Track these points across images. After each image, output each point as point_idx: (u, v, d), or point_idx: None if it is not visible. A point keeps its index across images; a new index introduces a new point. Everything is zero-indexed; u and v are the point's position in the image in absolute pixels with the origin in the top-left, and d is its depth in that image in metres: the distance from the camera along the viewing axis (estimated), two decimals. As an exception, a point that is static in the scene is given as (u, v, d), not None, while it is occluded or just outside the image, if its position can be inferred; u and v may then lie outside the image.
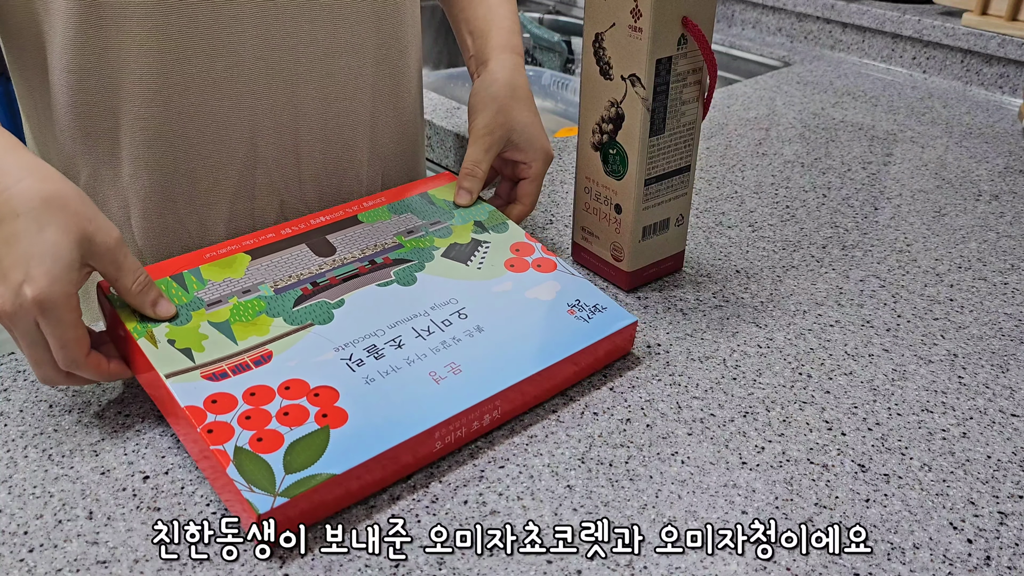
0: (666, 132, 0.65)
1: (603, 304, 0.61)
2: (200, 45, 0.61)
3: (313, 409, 0.50)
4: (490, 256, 0.64)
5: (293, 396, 0.51)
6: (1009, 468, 0.54)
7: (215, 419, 0.49)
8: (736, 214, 0.85)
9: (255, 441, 0.48)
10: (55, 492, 0.50)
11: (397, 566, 0.46)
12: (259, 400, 0.50)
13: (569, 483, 0.51)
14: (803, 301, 0.70)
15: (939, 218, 0.86)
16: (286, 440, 0.48)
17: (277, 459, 0.47)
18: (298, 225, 0.64)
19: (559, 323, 0.59)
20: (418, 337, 0.56)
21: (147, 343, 0.53)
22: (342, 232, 0.64)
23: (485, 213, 0.68)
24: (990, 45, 1.20)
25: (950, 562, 0.47)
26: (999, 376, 0.62)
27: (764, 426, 0.56)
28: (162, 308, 0.55)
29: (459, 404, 0.52)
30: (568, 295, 0.61)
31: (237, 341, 0.54)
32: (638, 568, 0.46)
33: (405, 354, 0.55)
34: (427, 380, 0.53)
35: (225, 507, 0.49)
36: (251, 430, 0.48)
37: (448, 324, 0.57)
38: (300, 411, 0.50)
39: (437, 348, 0.55)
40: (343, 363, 0.53)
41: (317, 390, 0.51)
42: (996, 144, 1.05)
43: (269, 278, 0.59)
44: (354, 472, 0.48)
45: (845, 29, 1.38)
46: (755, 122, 1.11)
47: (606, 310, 0.61)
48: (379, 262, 0.61)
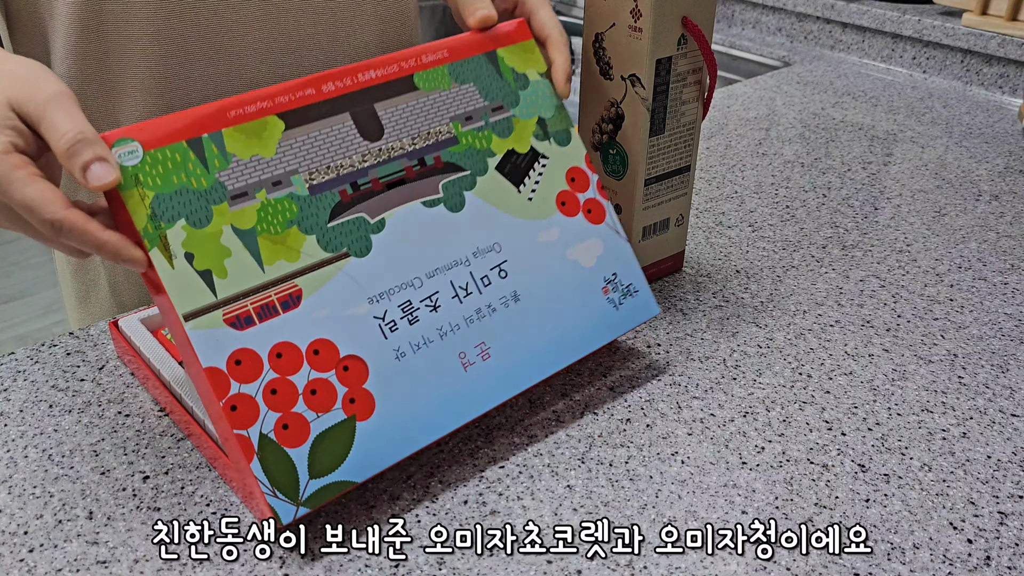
0: (666, 132, 0.65)
1: (636, 286, 0.61)
2: (202, 48, 0.61)
3: (342, 390, 0.48)
4: (544, 181, 0.58)
5: (322, 367, 0.47)
6: (1009, 468, 0.54)
7: (239, 390, 0.45)
8: (736, 214, 0.85)
9: (280, 429, 0.45)
10: (55, 492, 0.50)
11: (397, 566, 0.46)
12: (286, 366, 0.47)
13: (569, 483, 0.51)
14: (803, 301, 0.70)
15: (939, 218, 0.86)
16: (312, 432, 0.46)
17: (302, 457, 0.46)
18: (343, 80, 0.52)
19: (591, 307, 0.58)
20: (454, 297, 0.53)
21: (160, 257, 0.44)
22: (393, 102, 0.54)
23: (551, 108, 0.60)
24: (990, 45, 1.20)
25: (950, 562, 0.47)
26: (999, 376, 0.62)
27: (764, 426, 0.56)
28: (95, 173, 0.42)
29: (483, 404, 0.52)
30: (607, 264, 0.60)
31: (264, 267, 0.47)
32: (638, 568, 0.46)
33: (439, 322, 0.52)
34: (455, 365, 0.52)
35: (225, 509, 0.49)
36: (277, 412, 0.46)
37: (487, 284, 0.54)
38: (328, 391, 0.47)
39: (471, 318, 0.53)
40: (376, 323, 0.50)
41: (346, 361, 0.48)
42: (996, 144, 1.05)
43: (304, 165, 0.50)
44: (372, 476, 0.48)
45: (845, 29, 1.38)
46: (755, 122, 1.11)
47: (637, 294, 0.60)
48: (429, 164, 0.54)
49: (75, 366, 0.61)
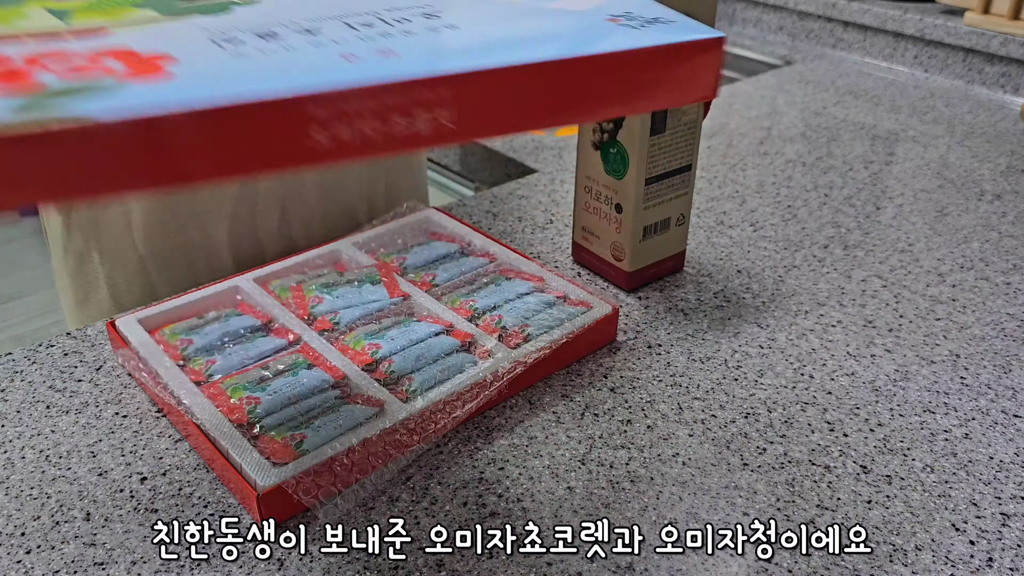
0: (667, 131, 0.65)
1: (668, 17, 0.40)
2: None
3: (115, 64, 0.30)
4: None
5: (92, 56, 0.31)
6: (1012, 469, 0.53)
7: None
8: (737, 213, 0.85)
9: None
10: (52, 493, 0.50)
11: (397, 567, 0.46)
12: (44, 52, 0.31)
13: (569, 484, 0.51)
14: (805, 301, 0.70)
15: (941, 218, 0.85)
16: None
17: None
18: None
19: (592, 27, 0.38)
20: (349, 29, 0.35)
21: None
22: None
23: None
24: (992, 44, 1.20)
25: (952, 563, 0.47)
26: (1002, 376, 0.62)
27: (766, 427, 0.56)
28: None
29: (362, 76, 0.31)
30: (614, 4, 0.40)
31: (69, 22, 0.33)
32: (638, 569, 0.46)
33: (315, 39, 0.33)
34: (335, 59, 0.32)
35: (223, 510, 0.49)
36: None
37: (403, 21, 0.36)
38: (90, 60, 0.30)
39: (372, 38, 0.34)
40: (207, 39, 0.33)
41: (140, 55, 0.31)
42: (998, 143, 1.05)
43: None
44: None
45: (847, 28, 1.37)
46: (756, 121, 1.11)
47: (673, 23, 0.39)
48: None
49: (72, 367, 0.61)
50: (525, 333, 0.60)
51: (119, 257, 0.69)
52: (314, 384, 0.55)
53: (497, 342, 0.59)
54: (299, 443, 0.50)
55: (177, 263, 0.70)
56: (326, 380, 0.55)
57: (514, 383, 0.57)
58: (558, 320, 0.61)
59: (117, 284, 0.71)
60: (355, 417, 0.52)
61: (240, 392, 0.54)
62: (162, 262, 0.69)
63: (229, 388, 0.54)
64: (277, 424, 0.52)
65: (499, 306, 0.63)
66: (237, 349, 0.58)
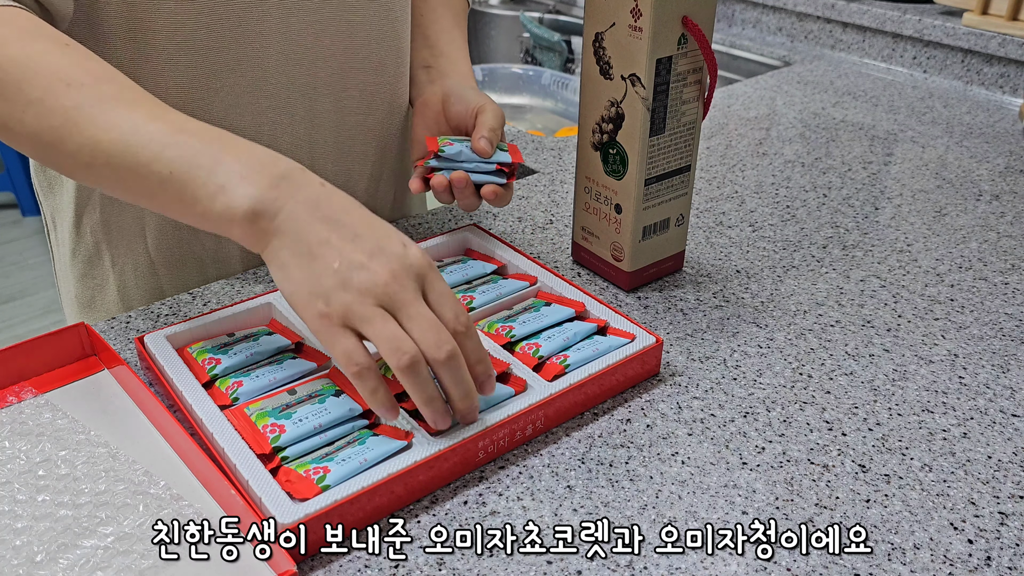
0: (666, 132, 0.65)
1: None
2: (226, 59, 0.62)
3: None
4: None
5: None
6: (1010, 468, 0.53)
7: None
8: (736, 214, 0.85)
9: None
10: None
11: (397, 566, 0.46)
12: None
13: (569, 483, 0.51)
14: (803, 301, 0.70)
15: (940, 218, 0.86)
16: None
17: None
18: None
19: None
20: None
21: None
22: None
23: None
24: (990, 45, 1.20)
25: (951, 562, 0.47)
26: (1000, 376, 0.62)
27: (764, 426, 0.56)
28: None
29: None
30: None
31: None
32: (638, 568, 0.46)
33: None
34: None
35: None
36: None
37: None
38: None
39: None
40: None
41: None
42: (996, 144, 1.05)
43: None
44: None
45: (846, 29, 1.38)
46: (755, 122, 1.11)
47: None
48: None
49: (74, 366, 0.61)
50: (564, 364, 0.57)
51: (131, 261, 0.70)
52: (341, 413, 0.53)
53: (534, 374, 0.57)
54: (321, 477, 0.48)
55: (188, 268, 0.70)
56: (353, 409, 0.53)
57: (549, 417, 0.55)
58: (598, 351, 0.58)
59: (127, 287, 0.71)
60: (382, 450, 0.50)
61: (265, 419, 0.52)
62: (173, 266, 0.70)
63: (254, 414, 0.52)
64: (301, 455, 0.50)
65: (537, 334, 0.61)
66: (264, 372, 0.57)
